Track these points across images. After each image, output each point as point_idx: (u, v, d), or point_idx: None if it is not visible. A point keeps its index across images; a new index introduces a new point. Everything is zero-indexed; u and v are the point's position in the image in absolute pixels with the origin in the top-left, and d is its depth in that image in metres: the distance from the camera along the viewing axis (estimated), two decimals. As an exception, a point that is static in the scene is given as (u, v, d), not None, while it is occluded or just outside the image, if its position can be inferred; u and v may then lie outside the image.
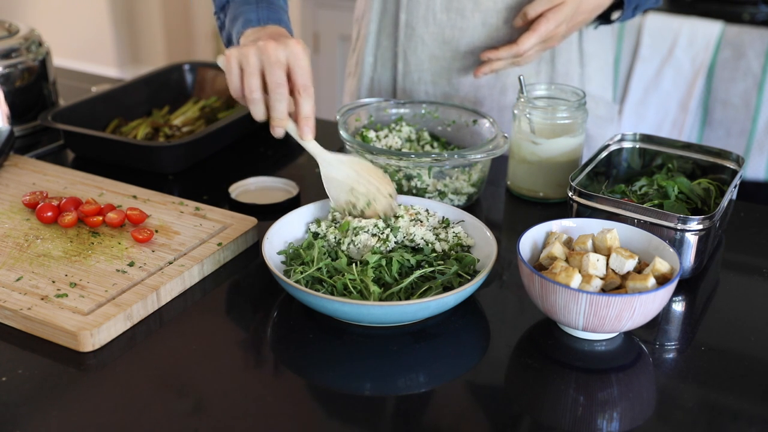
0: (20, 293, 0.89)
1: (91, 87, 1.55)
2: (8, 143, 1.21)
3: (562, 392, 0.79)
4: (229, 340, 0.87)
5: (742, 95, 2.33)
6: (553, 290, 0.81)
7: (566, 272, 0.82)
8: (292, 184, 1.18)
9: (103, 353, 0.83)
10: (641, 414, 0.77)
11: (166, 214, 1.06)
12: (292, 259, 0.94)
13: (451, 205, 1.02)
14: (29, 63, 1.37)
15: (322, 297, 0.83)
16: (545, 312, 0.85)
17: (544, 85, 1.19)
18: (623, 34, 2.44)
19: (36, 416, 0.75)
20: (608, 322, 0.80)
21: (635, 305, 0.79)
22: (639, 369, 0.83)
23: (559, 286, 0.80)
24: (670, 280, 0.82)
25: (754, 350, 0.86)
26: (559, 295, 0.81)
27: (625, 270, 0.86)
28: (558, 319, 0.84)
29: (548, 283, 0.81)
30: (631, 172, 1.13)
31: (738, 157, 1.06)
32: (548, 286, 0.81)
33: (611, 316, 0.80)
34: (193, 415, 0.75)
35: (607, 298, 0.78)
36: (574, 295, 0.79)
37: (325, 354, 0.84)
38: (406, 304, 0.82)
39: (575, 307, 0.80)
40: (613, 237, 0.89)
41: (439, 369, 0.83)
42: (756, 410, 0.77)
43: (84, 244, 0.99)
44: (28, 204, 1.07)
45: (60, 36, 3.97)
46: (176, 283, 0.93)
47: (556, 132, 1.14)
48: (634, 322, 0.81)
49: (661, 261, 0.85)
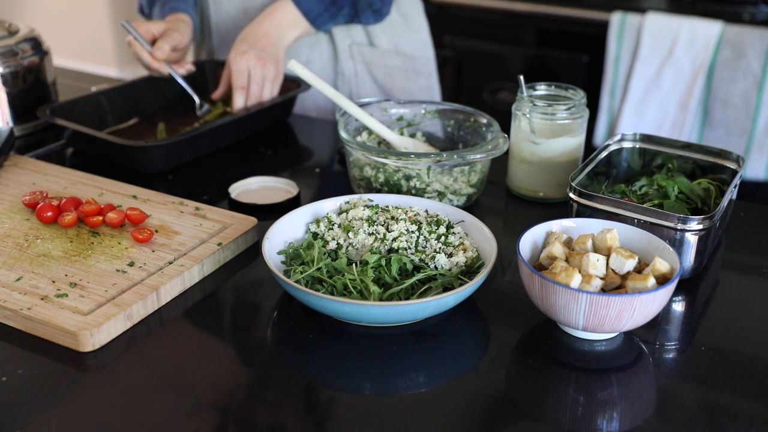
0: (20, 293, 0.89)
1: (91, 87, 1.55)
2: (8, 143, 1.21)
3: (562, 392, 0.79)
4: (229, 340, 0.87)
5: (742, 95, 2.33)
6: (553, 290, 0.81)
7: (566, 272, 0.82)
8: (292, 184, 1.18)
9: (103, 353, 0.83)
10: (641, 414, 0.77)
11: (166, 214, 1.06)
12: (292, 259, 0.94)
13: (451, 206, 1.02)
14: (29, 63, 1.37)
15: (322, 297, 0.83)
16: (545, 312, 0.85)
17: (543, 85, 1.19)
18: (623, 33, 2.44)
19: (36, 416, 0.75)
20: (608, 322, 0.80)
21: (635, 305, 0.79)
22: (639, 369, 0.83)
23: (559, 286, 0.80)
24: (670, 280, 0.82)
25: (754, 350, 0.86)
26: (559, 295, 0.81)
27: (625, 270, 0.86)
28: (558, 319, 0.84)
29: (548, 283, 0.81)
30: (631, 172, 1.13)
31: (738, 157, 1.06)
32: (548, 286, 0.81)
33: (611, 316, 0.80)
34: (193, 415, 0.75)
35: (607, 298, 0.78)
36: (574, 295, 0.79)
37: (325, 354, 0.84)
38: (406, 304, 0.82)
39: (575, 307, 0.80)
40: (613, 237, 0.88)
41: (439, 369, 0.83)
42: (756, 410, 0.77)
43: (84, 244, 0.99)
44: (28, 204, 1.07)
45: (60, 36, 3.97)
46: (176, 283, 0.93)
47: (555, 132, 1.14)
48: (635, 321, 0.81)
49: (661, 261, 0.85)
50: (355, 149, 1.10)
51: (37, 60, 1.39)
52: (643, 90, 2.45)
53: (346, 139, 1.11)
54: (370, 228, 0.95)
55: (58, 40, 3.74)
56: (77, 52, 4.05)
